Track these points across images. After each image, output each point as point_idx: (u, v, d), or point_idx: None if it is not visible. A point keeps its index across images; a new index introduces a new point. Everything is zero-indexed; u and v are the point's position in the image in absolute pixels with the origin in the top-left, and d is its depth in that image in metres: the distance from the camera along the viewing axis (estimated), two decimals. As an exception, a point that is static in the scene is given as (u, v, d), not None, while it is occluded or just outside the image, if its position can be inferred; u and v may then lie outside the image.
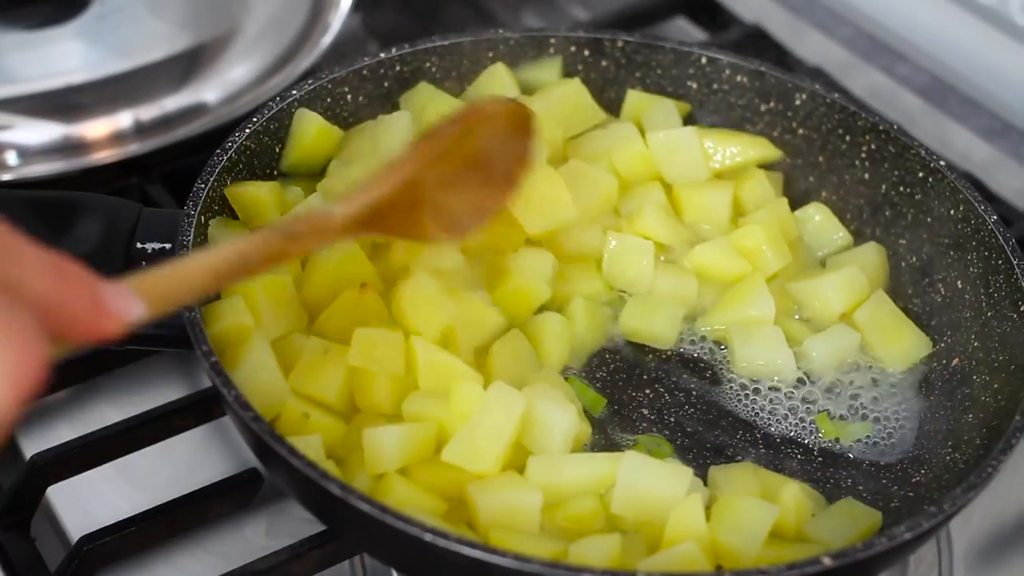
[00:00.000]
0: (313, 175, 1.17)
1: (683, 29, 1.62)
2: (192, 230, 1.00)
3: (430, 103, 1.21)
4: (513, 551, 0.83)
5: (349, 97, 1.20)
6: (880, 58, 1.56)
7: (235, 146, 1.09)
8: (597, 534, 0.94)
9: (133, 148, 1.29)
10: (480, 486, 0.94)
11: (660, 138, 1.20)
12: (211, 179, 1.05)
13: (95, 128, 1.30)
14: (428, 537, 0.83)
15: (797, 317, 1.16)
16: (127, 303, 0.73)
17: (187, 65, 1.37)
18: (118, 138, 1.30)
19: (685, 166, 1.20)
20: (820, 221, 1.21)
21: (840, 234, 1.20)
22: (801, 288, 1.16)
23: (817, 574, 0.84)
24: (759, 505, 0.96)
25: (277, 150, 1.15)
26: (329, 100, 1.19)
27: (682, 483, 0.95)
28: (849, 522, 0.99)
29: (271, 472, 0.96)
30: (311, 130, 1.16)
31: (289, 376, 1.00)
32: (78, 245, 1.03)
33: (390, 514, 0.84)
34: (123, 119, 1.31)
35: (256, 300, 1.02)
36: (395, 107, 1.22)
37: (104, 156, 1.28)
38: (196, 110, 1.33)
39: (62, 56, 1.35)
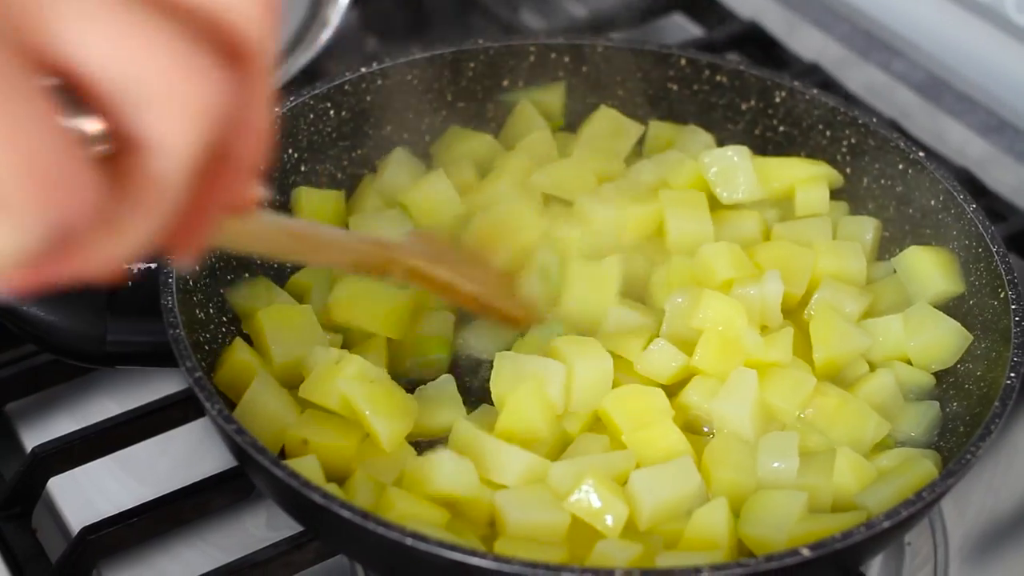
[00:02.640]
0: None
1: (680, 25, 1.63)
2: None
3: (456, 143, 1.24)
4: (493, 553, 0.85)
5: (332, 112, 1.21)
6: (876, 54, 1.56)
7: (218, 159, 1.09)
8: (615, 539, 0.94)
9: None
10: (509, 500, 0.95)
11: (714, 157, 1.19)
12: (196, 193, 1.06)
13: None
14: (409, 541, 0.84)
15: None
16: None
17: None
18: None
19: (739, 186, 1.18)
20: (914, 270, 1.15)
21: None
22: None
23: (797, 565, 0.85)
24: (786, 496, 0.97)
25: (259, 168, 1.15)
26: (312, 116, 1.20)
27: (690, 483, 0.97)
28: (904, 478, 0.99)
29: (255, 481, 0.98)
30: (312, 203, 1.17)
31: (300, 388, 1.01)
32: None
33: (371, 520, 0.85)
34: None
35: (263, 328, 1.04)
36: (378, 122, 1.24)
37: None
38: (196, 105, 1.34)
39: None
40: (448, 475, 0.95)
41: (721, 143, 1.25)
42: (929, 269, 1.13)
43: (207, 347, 1.04)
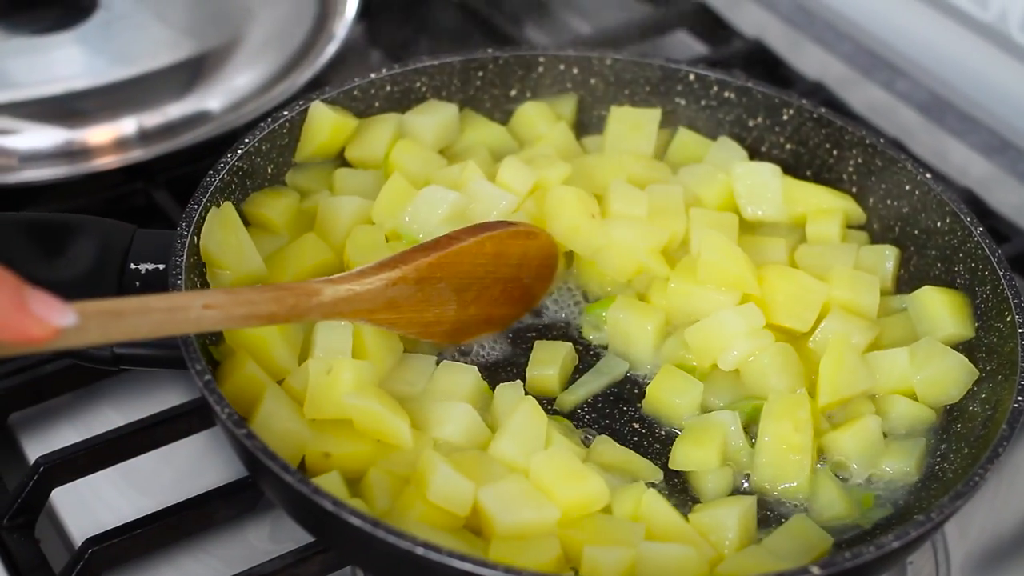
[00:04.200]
0: (326, 161, 1.20)
1: (684, 43, 1.63)
2: (185, 251, 1.01)
3: (469, 128, 1.25)
4: (504, 563, 0.84)
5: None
6: (880, 74, 1.57)
7: (227, 166, 1.10)
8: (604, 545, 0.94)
9: (137, 154, 1.30)
10: (496, 499, 0.94)
11: (747, 170, 1.20)
12: (204, 200, 1.06)
13: (98, 134, 1.31)
14: (420, 551, 0.84)
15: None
16: (55, 310, 0.71)
17: (191, 72, 1.38)
18: (122, 144, 1.31)
19: (765, 202, 1.19)
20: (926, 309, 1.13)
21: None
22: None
23: (806, 584, 0.85)
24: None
25: (269, 170, 1.16)
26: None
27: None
28: (801, 543, 0.99)
29: (264, 488, 0.97)
30: (326, 125, 1.17)
31: (304, 408, 1.00)
32: (71, 267, 1.03)
33: (382, 528, 0.85)
34: (127, 125, 1.32)
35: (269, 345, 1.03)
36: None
37: (107, 162, 1.29)
38: (200, 117, 1.35)
39: (66, 61, 1.37)
40: (440, 487, 0.95)
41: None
42: (941, 311, 1.11)
43: (215, 354, 1.03)
